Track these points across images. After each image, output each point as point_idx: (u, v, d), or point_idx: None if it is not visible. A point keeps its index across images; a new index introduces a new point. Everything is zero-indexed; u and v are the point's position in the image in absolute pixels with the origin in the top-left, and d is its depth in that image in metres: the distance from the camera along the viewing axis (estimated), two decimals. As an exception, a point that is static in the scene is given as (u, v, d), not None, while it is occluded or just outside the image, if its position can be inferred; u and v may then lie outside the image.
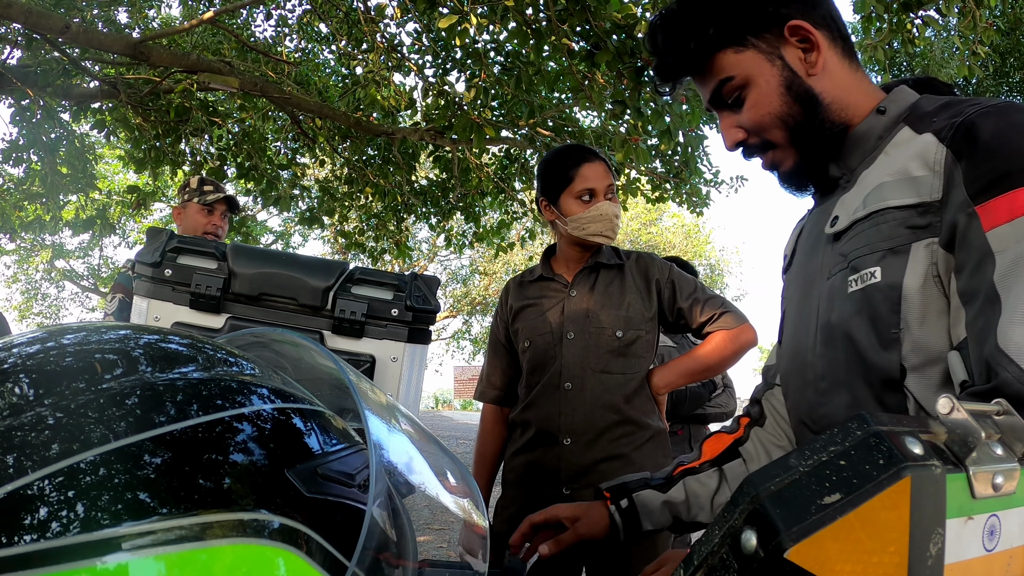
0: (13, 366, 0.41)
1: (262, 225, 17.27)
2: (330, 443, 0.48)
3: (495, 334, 1.96)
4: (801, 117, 0.90)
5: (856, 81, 0.93)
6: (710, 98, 0.95)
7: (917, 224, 0.79)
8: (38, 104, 4.91)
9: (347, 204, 6.61)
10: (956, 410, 0.36)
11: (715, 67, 0.92)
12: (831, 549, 0.31)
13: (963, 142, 0.76)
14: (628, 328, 1.75)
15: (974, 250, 0.73)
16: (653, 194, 6.32)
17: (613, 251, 1.88)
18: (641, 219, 22.63)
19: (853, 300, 0.83)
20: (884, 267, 0.80)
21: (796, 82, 0.90)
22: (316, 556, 0.41)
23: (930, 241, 0.77)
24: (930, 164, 0.79)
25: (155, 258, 1.26)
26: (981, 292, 0.71)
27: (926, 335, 0.78)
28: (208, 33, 6.31)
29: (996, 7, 4.15)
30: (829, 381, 0.88)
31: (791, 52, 0.90)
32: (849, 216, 0.87)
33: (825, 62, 0.90)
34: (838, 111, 0.91)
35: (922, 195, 0.78)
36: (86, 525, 0.34)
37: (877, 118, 0.90)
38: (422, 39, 5.52)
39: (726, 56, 0.91)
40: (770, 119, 0.91)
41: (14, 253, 17.42)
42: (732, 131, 0.94)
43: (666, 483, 1.09)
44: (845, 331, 0.84)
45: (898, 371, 0.79)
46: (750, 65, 0.90)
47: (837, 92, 0.91)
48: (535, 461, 1.77)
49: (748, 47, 0.90)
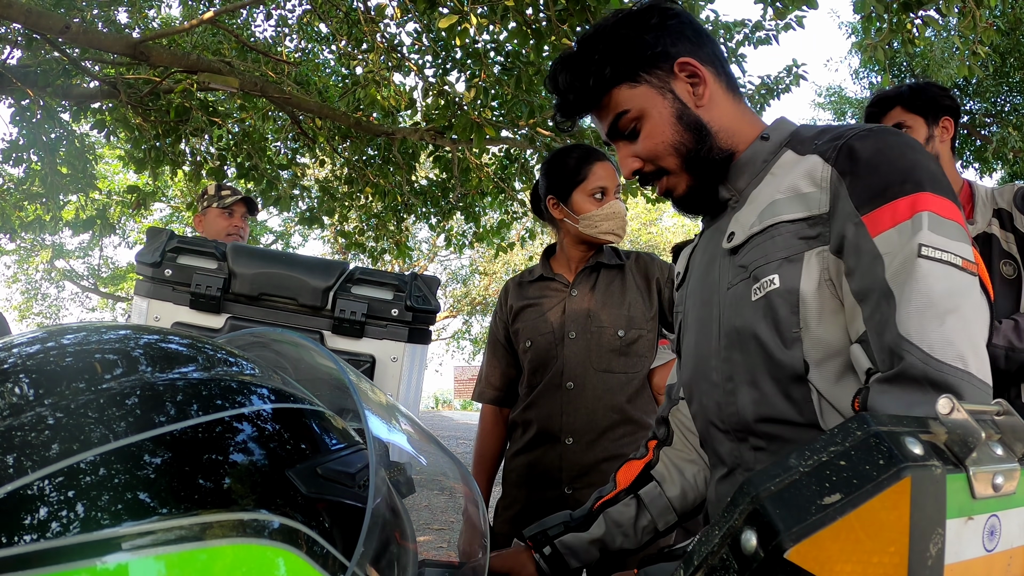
0: (13, 366, 0.41)
1: (262, 225, 17.27)
2: (330, 443, 0.48)
3: (494, 334, 1.95)
4: (692, 144, 0.99)
5: (740, 113, 1.02)
6: (608, 131, 1.03)
7: (808, 235, 0.88)
8: (38, 104, 4.91)
9: (347, 204, 6.60)
10: (956, 410, 0.36)
11: (612, 102, 1.00)
12: (831, 549, 0.31)
13: (846, 161, 0.86)
14: (630, 327, 1.75)
15: (864, 254, 0.82)
16: (653, 194, 6.32)
17: (613, 251, 1.88)
18: (641, 219, 22.63)
19: (757, 306, 0.91)
20: (781, 274, 0.89)
21: (686, 113, 0.98)
22: (316, 556, 0.41)
23: (821, 249, 0.87)
24: (817, 181, 0.88)
25: (155, 258, 1.26)
26: (875, 290, 0.80)
27: (824, 332, 0.86)
28: (208, 33, 6.31)
29: (996, 7, 4.15)
30: (735, 381, 0.95)
31: (680, 86, 0.99)
32: (745, 231, 0.95)
33: (712, 95, 1.00)
34: (725, 139, 1.00)
35: (811, 209, 0.88)
36: (86, 525, 0.34)
37: (761, 144, 1.00)
38: (422, 39, 5.51)
39: (621, 91, 0.99)
40: (664, 147, 0.99)
41: (14, 253, 17.41)
42: (629, 161, 1.02)
43: (585, 521, 1.16)
44: (751, 333, 0.92)
45: (802, 366, 0.87)
46: (644, 99, 0.99)
47: (724, 122, 1.00)
48: (536, 461, 1.77)
49: (641, 83, 0.99)
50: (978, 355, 0.76)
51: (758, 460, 0.94)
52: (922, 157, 0.84)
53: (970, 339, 0.76)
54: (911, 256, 0.78)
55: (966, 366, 0.74)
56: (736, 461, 0.98)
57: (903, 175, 0.82)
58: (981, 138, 12.03)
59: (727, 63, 1.05)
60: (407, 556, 0.50)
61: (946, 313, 0.76)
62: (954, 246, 0.79)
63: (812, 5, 4.02)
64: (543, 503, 1.73)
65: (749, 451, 0.95)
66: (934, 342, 0.75)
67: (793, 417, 0.88)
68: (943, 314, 0.76)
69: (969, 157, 12.27)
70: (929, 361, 0.74)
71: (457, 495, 0.62)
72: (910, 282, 0.77)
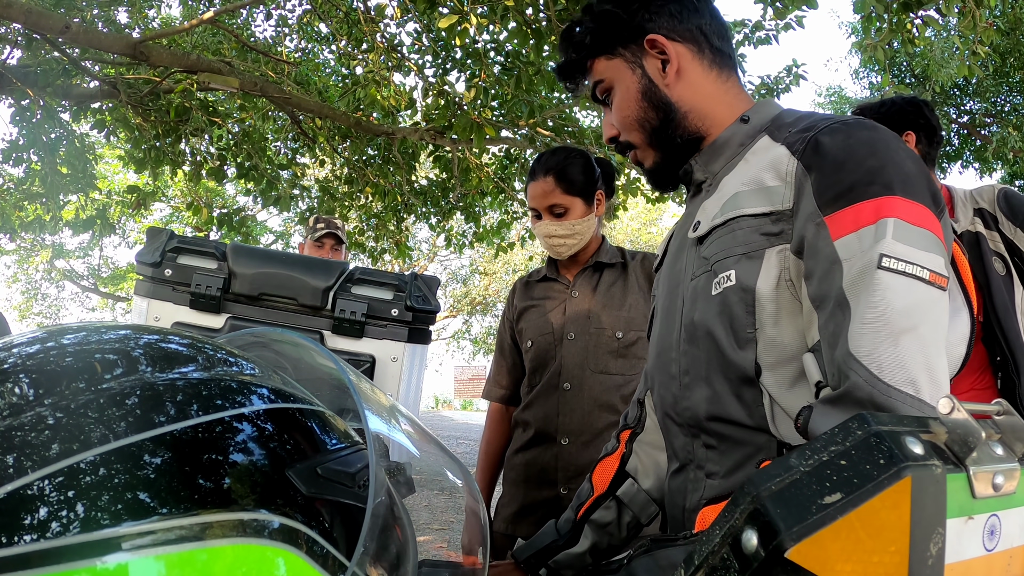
0: (13, 366, 0.41)
1: (262, 225, 17.26)
2: (330, 443, 0.48)
3: (502, 334, 1.97)
4: (656, 122, 0.98)
5: (722, 92, 1.00)
6: (591, 96, 1.06)
7: (770, 231, 0.84)
8: (38, 104, 4.91)
9: (347, 204, 6.60)
10: (956, 410, 0.36)
11: (593, 70, 1.04)
12: (832, 549, 0.31)
13: (812, 155, 0.81)
14: (628, 329, 1.75)
15: (823, 258, 0.77)
16: (653, 194, 6.32)
17: (617, 250, 1.88)
18: (641, 219, 22.63)
19: (715, 302, 0.88)
20: (739, 271, 0.85)
21: (652, 90, 0.98)
22: (316, 556, 0.41)
23: (782, 247, 0.82)
24: (782, 175, 0.84)
25: (155, 258, 1.26)
26: (831, 298, 0.76)
27: (780, 335, 0.83)
28: (208, 33, 6.31)
29: (996, 7, 4.15)
30: (691, 376, 0.93)
31: (651, 63, 0.99)
32: (709, 222, 0.93)
33: (685, 73, 0.98)
34: (695, 120, 0.98)
35: (775, 204, 0.84)
36: (86, 525, 0.34)
37: (739, 126, 0.97)
38: (422, 39, 5.51)
39: (599, 62, 1.02)
40: (629, 122, 1.00)
41: (14, 253, 17.41)
42: (607, 127, 1.05)
43: (573, 535, 1.16)
44: (707, 330, 0.89)
45: (753, 369, 0.84)
46: (616, 71, 1.01)
47: (695, 102, 0.98)
48: (533, 460, 1.77)
49: (616, 56, 1.00)
50: (934, 379, 0.70)
51: (708, 458, 0.91)
52: (898, 155, 0.79)
53: (926, 361, 0.70)
54: (870, 266, 0.73)
55: (917, 391, 0.69)
56: (688, 456, 0.95)
57: (871, 175, 0.77)
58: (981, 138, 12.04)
59: (719, 38, 1.02)
60: (407, 556, 0.50)
61: (902, 332, 0.70)
62: (921, 257, 0.73)
63: (812, 5, 4.02)
64: (539, 503, 1.74)
65: (701, 448, 0.93)
66: (884, 363, 0.70)
67: (743, 419, 0.86)
68: (898, 333, 0.70)
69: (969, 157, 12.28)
70: (876, 384, 0.69)
71: (457, 495, 0.62)
72: (866, 295, 0.72)
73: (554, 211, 1.74)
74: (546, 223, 1.75)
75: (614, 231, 22.36)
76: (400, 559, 0.48)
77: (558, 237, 1.75)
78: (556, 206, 1.74)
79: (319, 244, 3.03)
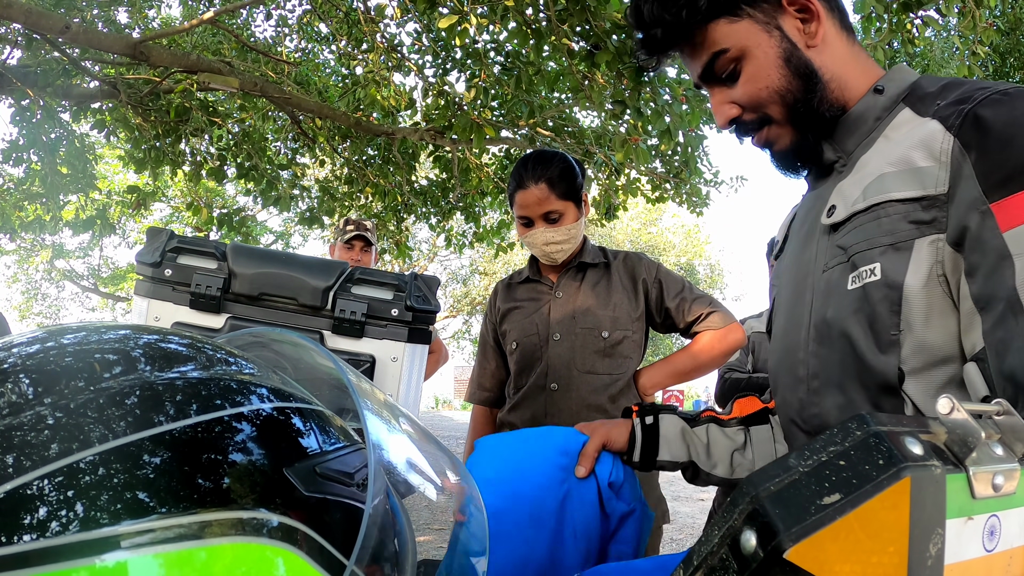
0: (13, 366, 0.41)
1: (262, 225, 17.26)
2: (329, 442, 0.48)
3: (484, 336, 1.96)
4: (800, 93, 0.85)
5: (853, 56, 0.88)
6: (701, 73, 0.89)
7: (921, 219, 0.73)
8: (38, 104, 4.91)
9: (347, 204, 6.61)
10: (956, 410, 0.36)
11: (707, 39, 0.86)
12: (831, 549, 0.31)
13: (972, 131, 0.70)
14: (614, 328, 1.74)
15: (990, 251, 0.67)
16: (653, 194, 6.32)
17: (600, 250, 1.88)
18: (641, 219, 22.63)
19: (852, 297, 0.79)
20: (884, 264, 0.75)
21: (795, 54, 0.84)
22: (315, 555, 0.41)
23: (936, 237, 0.72)
24: (935, 154, 0.73)
25: (155, 258, 1.26)
26: (1000, 299, 0.66)
27: (929, 337, 0.73)
28: (208, 33, 6.31)
29: (996, 7, 4.15)
30: (821, 380, 0.84)
31: (789, 22, 0.85)
32: (848, 207, 0.82)
33: (826, 34, 0.85)
34: (836, 89, 0.86)
35: (927, 188, 0.73)
36: (85, 524, 0.34)
37: (874, 98, 0.85)
38: (422, 39, 5.51)
39: (719, 27, 0.85)
40: (768, 94, 0.85)
41: (14, 253, 17.42)
42: (725, 107, 0.89)
43: (692, 420, 1.07)
44: (842, 330, 0.80)
45: (896, 375, 0.75)
46: (746, 36, 0.84)
47: (836, 67, 0.86)
48: None
49: (743, 16, 0.84)
50: None
51: None
52: None
53: None
54: None
55: None
56: None
57: None
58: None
59: None
60: (406, 556, 0.50)
61: None
62: None
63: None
64: None
65: None
66: None
67: None
68: None
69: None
70: None
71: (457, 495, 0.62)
72: None
73: (549, 217, 1.73)
74: (541, 230, 1.73)
75: (614, 231, 22.35)
76: (400, 559, 0.48)
77: (555, 243, 1.74)
78: (552, 212, 1.72)
79: (349, 246, 3.00)
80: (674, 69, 4.30)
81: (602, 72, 3.78)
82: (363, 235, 3.03)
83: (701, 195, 6.46)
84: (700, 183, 6.48)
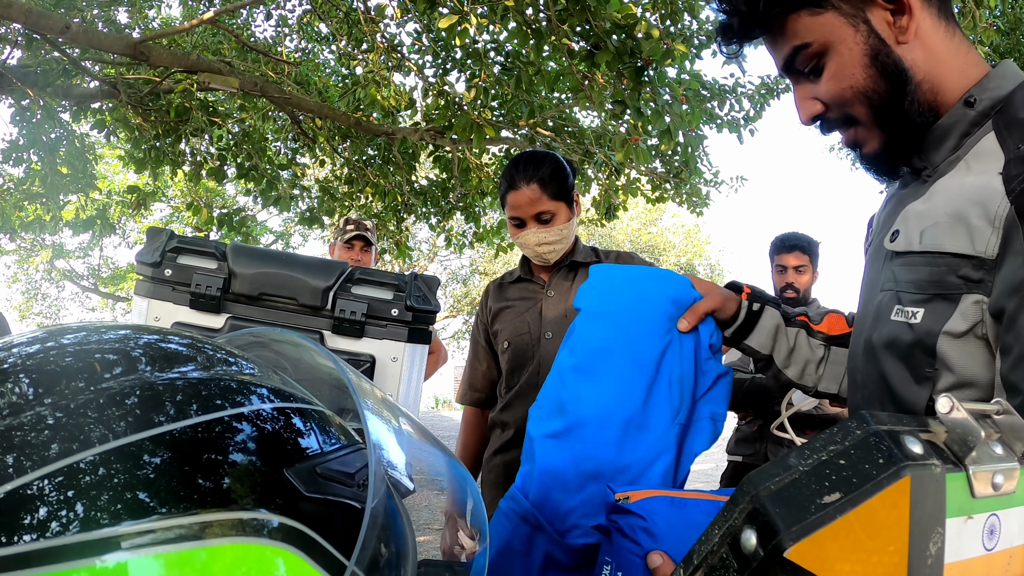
0: (13, 366, 0.41)
1: (262, 225, 17.27)
2: (329, 443, 0.48)
3: (475, 337, 1.96)
4: (887, 95, 0.79)
5: (952, 51, 0.79)
6: (783, 65, 0.84)
7: (970, 276, 0.71)
8: (38, 104, 4.91)
9: (347, 204, 6.61)
10: (956, 409, 0.36)
11: (788, 31, 0.80)
12: (831, 548, 0.31)
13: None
14: None
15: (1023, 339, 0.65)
16: (653, 194, 6.32)
17: (591, 249, 1.87)
18: (641, 219, 22.63)
19: (893, 328, 0.78)
20: (927, 311, 0.74)
21: (883, 52, 0.77)
22: (315, 555, 0.41)
23: (981, 298, 0.70)
24: (990, 217, 0.70)
25: (155, 258, 1.26)
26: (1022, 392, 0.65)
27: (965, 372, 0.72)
28: (208, 33, 6.31)
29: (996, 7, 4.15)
30: (866, 394, 0.86)
31: (878, 15, 0.77)
32: (906, 241, 0.79)
33: (918, 27, 0.77)
34: (929, 91, 0.79)
35: (977, 248, 0.70)
36: (85, 524, 0.34)
37: (963, 111, 0.78)
38: (422, 39, 5.51)
39: (801, 19, 0.79)
40: (852, 93, 0.80)
41: (14, 253, 17.42)
42: (808, 103, 0.83)
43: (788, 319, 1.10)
44: (881, 356, 0.80)
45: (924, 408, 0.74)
46: (829, 30, 0.78)
47: (930, 66, 0.78)
48: (514, 461, 1.76)
49: (827, 8, 0.78)
50: None
51: None
52: None
53: None
54: None
55: None
56: None
57: None
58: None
59: None
60: (407, 556, 0.50)
61: None
62: None
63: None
64: None
65: None
66: None
67: None
68: None
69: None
70: None
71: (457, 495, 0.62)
72: None
73: (541, 218, 1.72)
74: (534, 231, 1.73)
75: (614, 231, 22.36)
76: (400, 559, 0.48)
77: (547, 244, 1.74)
78: (544, 213, 1.72)
79: (349, 246, 3.00)
80: (674, 69, 4.30)
81: (602, 72, 3.78)
82: (363, 235, 3.03)
83: (701, 195, 6.47)
84: (700, 183, 6.49)
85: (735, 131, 5.68)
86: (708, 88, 5.55)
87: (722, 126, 5.73)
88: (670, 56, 3.48)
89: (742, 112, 5.68)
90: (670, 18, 3.94)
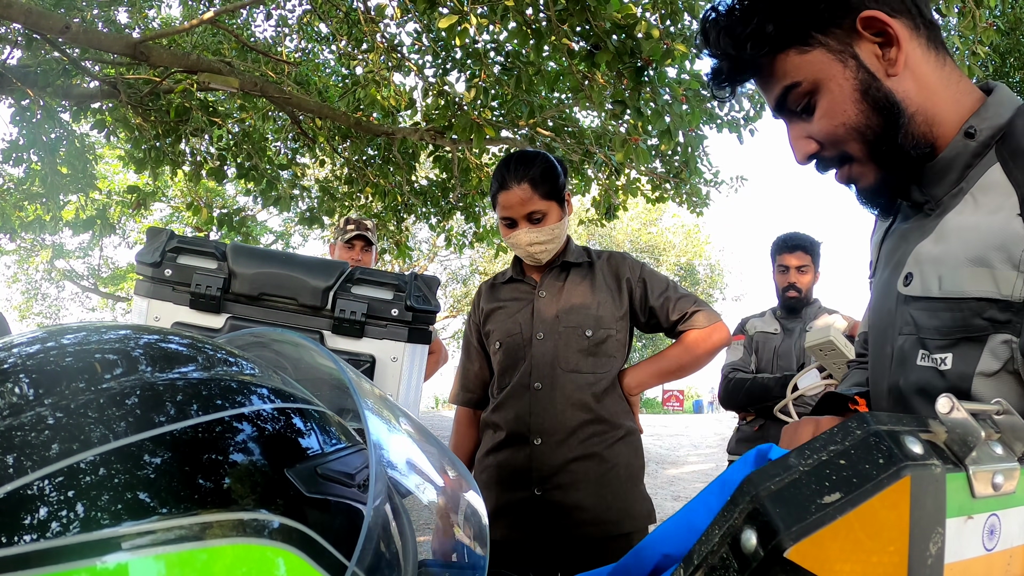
0: (13, 366, 0.41)
1: (262, 225, 17.26)
2: (330, 443, 0.48)
3: (468, 338, 1.95)
4: (881, 129, 0.78)
5: (944, 83, 0.79)
6: (775, 105, 0.83)
7: (996, 318, 0.71)
8: (38, 104, 4.91)
9: (347, 204, 6.61)
10: (956, 409, 0.36)
11: (778, 71, 0.80)
12: (831, 548, 0.31)
13: None
14: (598, 327, 1.74)
15: None
16: (653, 194, 6.32)
17: (583, 250, 1.87)
18: (641, 219, 22.63)
19: (921, 374, 0.78)
20: (956, 355, 0.74)
21: (874, 86, 0.77)
22: (316, 556, 0.41)
23: (1009, 338, 0.71)
24: (1015, 261, 0.70)
25: (155, 258, 1.26)
26: None
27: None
28: (208, 33, 6.31)
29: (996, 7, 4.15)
30: None
31: (866, 49, 0.77)
32: (923, 286, 0.78)
33: (907, 58, 0.77)
34: (923, 123, 0.78)
35: (1003, 292, 0.70)
36: (86, 525, 0.34)
37: (964, 143, 0.77)
38: (422, 39, 5.51)
39: (789, 58, 0.78)
40: (845, 130, 0.79)
41: (14, 253, 17.42)
42: (802, 142, 0.82)
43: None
44: (911, 401, 0.79)
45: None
46: (819, 67, 0.77)
47: (922, 98, 0.78)
48: (506, 462, 1.75)
49: (814, 45, 0.77)
50: None
51: None
52: None
53: None
54: None
55: None
56: None
57: None
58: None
59: (928, 6, 0.79)
60: (407, 556, 0.50)
61: None
62: None
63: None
64: (513, 504, 1.72)
65: None
66: None
67: None
68: None
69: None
70: None
71: (457, 494, 0.62)
72: None
73: (532, 218, 1.72)
74: (525, 231, 1.73)
75: (614, 231, 22.35)
76: (400, 559, 0.48)
77: (539, 244, 1.74)
78: (535, 213, 1.72)
79: (349, 246, 2.99)
80: (674, 69, 4.30)
81: (602, 72, 3.78)
82: (363, 235, 3.03)
83: (701, 195, 6.47)
84: (700, 183, 6.49)
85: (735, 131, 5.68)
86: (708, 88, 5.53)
87: (722, 126, 5.74)
88: (670, 56, 3.48)
89: (742, 112, 5.68)
90: (670, 18, 3.94)
